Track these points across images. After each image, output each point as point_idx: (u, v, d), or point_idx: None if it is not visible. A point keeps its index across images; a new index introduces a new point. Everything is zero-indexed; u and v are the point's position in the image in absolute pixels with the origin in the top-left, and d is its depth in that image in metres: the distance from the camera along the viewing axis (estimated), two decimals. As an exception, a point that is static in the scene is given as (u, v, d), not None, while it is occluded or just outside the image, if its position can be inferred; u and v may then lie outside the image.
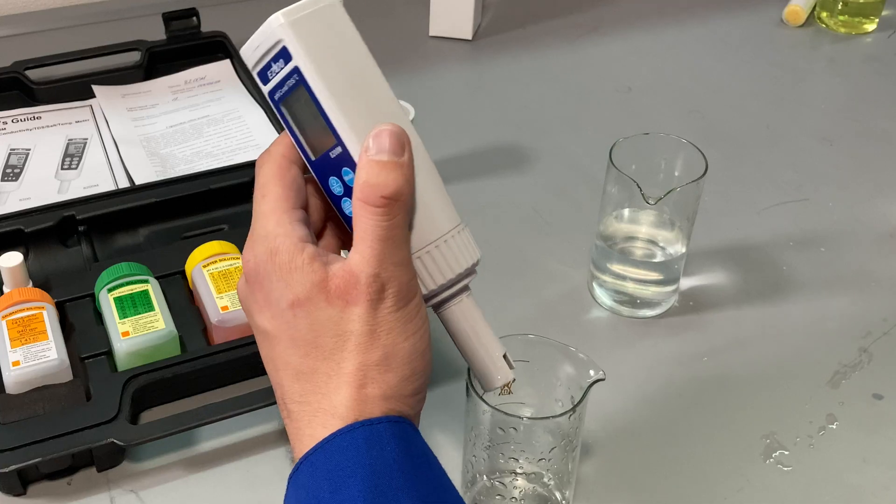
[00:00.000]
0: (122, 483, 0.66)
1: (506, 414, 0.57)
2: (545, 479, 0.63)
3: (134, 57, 1.03)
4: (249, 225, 0.50)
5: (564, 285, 0.83)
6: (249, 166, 0.87)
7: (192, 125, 0.97)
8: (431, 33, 1.14)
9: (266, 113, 0.97)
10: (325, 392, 0.47)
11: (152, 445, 0.67)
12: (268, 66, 0.49)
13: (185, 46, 1.05)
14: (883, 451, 0.70)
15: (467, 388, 0.58)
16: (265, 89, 0.50)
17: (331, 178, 0.50)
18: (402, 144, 0.47)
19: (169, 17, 1.04)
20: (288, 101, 0.49)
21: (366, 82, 0.49)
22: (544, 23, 1.19)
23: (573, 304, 0.81)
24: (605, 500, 0.66)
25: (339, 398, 0.46)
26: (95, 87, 1.00)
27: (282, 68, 0.48)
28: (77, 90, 1.00)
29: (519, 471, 0.63)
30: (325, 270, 0.47)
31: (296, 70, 0.48)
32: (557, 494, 0.63)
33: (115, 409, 0.66)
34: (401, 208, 0.47)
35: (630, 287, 0.79)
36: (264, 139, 0.94)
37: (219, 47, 1.06)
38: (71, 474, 0.67)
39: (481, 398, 0.56)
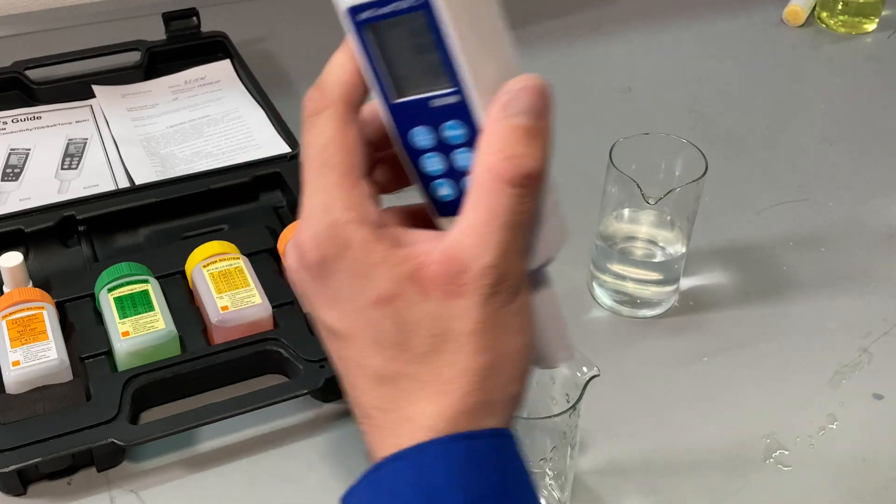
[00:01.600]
0: (122, 483, 0.66)
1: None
2: (547, 480, 0.63)
3: (134, 57, 1.03)
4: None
5: (564, 285, 0.83)
6: (250, 166, 0.87)
7: (192, 125, 0.97)
8: (431, 33, 1.14)
9: (266, 113, 0.96)
10: (415, 399, 0.39)
11: (152, 445, 0.67)
12: None
13: (185, 46, 1.04)
14: (883, 451, 0.70)
15: None
16: (344, 2, 0.39)
17: (418, 127, 0.40)
18: (546, 105, 0.39)
19: (169, 17, 1.04)
20: (382, 25, 0.39)
21: (497, 24, 0.40)
22: (544, 23, 1.19)
23: (573, 304, 0.81)
24: (604, 501, 0.66)
25: (435, 409, 0.39)
26: (95, 87, 1.00)
27: None
28: (77, 90, 1.00)
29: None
30: (415, 257, 0.39)
31: None
32: (556, 494, 0.63)
33: (115, 409, 0.66)
34: (540, 189, 0.39)
35: (630, 287, 0.79)
36: (264, 139, 0.94)
37: (219, 47, 1.06)
38: (71, 474, 0.67)
39: None
